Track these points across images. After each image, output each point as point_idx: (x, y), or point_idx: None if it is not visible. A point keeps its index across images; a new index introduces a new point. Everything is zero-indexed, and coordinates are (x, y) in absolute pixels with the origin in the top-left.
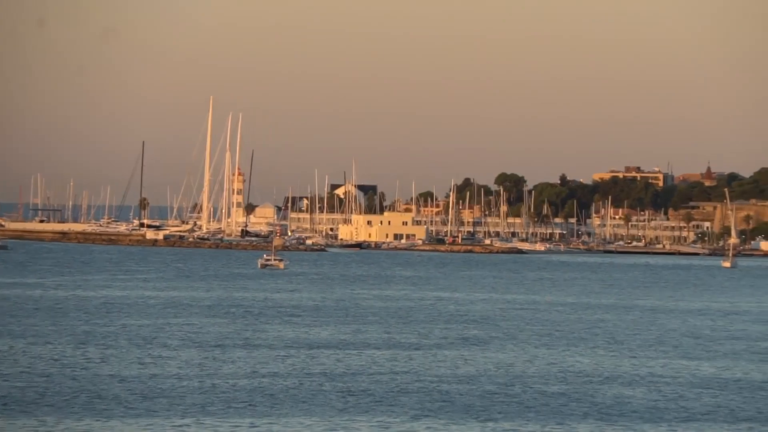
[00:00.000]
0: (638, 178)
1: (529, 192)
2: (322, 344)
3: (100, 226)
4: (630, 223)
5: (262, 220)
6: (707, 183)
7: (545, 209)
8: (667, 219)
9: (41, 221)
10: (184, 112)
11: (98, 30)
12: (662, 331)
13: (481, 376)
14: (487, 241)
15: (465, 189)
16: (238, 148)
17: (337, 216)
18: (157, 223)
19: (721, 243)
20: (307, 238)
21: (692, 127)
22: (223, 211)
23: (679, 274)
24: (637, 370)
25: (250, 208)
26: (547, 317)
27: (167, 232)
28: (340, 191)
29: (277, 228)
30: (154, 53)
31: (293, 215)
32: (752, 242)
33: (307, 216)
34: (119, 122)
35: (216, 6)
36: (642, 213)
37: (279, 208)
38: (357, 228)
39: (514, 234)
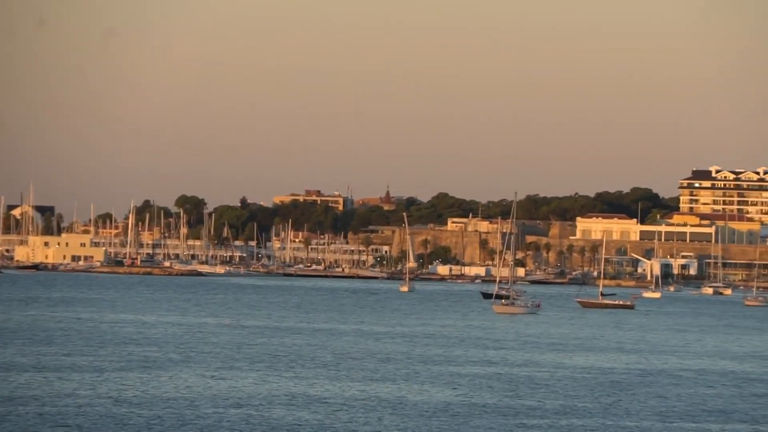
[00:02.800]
0: (318, 202)
1: (210, 214)
2: None
3: None
4: (310, 247)
5: None
6: (386, 207)
7: (225, 232)
8: (347, 242)
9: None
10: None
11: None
12: (334, 353)
13: (151, 401)
14: (167, 264)
15: (144, 211)
16: None
17: (13, 237)
18: None
19: (399, 267)
20: None
21: (371, 153)
22: None
23: (357, 297)
24: (311, 392)
25: None
26: (217, 339)
27: None
28: (16, 212)
29: None
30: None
31: None
32: (430, 266)
33: None
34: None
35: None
36: (322, 236)
37: None
38: (34, 249)
39: (194, 256)
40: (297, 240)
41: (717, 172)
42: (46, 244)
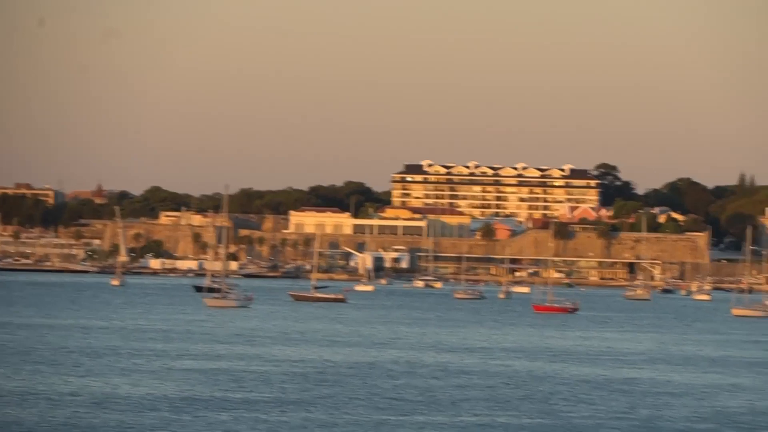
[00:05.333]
0: (28, 195)
1: None
2: None
3: None
4: (19, 240)
5: None
6: (98, 201)
7: None
8: (57, 236)
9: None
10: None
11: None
12: (51, 347)
13: None
14: None
15: None
16: None
17: None
18: None
19: (111, 261)
20: None
21: (82, 146)
22: None
23: (66, 291)
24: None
25: None
26: None
27: None
28: None
29: None
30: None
31: None
32: (141, 260)
33: None
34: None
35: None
36: (32, 230)
37: None
38: None
39: None
40: (6, 234)
41: (429, 166)
42: None
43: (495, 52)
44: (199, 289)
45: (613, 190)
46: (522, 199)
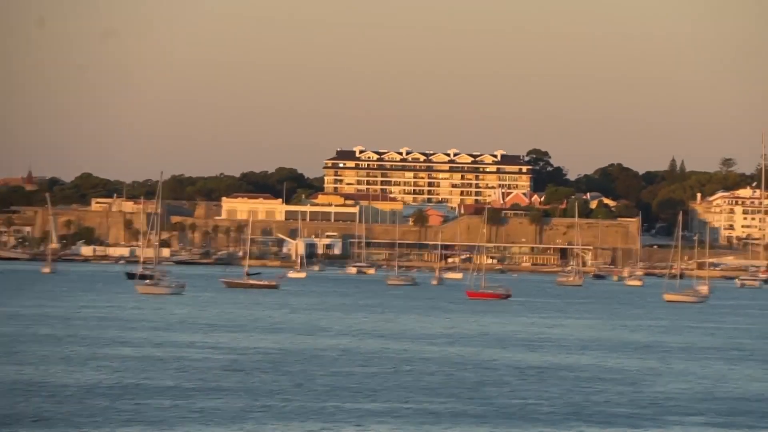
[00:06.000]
0: None
1: None
2: None
3: None
4: None
5: None
6: (28, 187)
7: None
8: None
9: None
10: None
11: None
12: None
13: None
14: None
15: None
16: None
17: None
18: None
19: (41, 248)
20: None
21: (11, 132)
22: None
23: None
24: None
25: None
26: None
27: None
28: None
29: None
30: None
31: None
32: (73, 247)
33: None
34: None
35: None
36: None
37: None
38: None
39: None
40: None
41: (361, 152)
42: None
43: (424, 39)
44: (131, 276)
45: (545, 176)
46: (454, 185)
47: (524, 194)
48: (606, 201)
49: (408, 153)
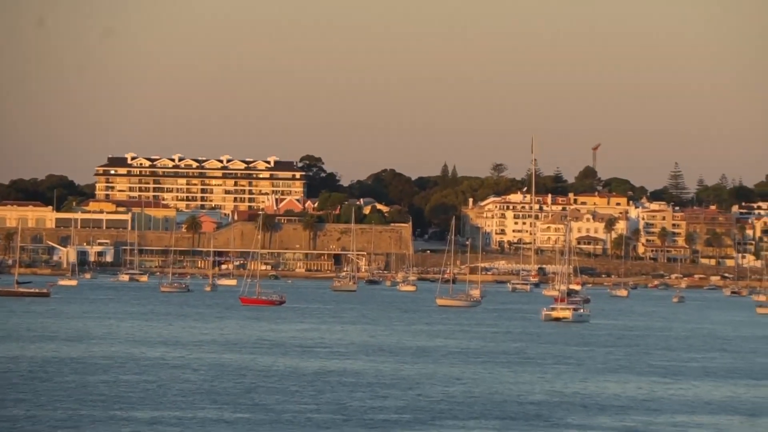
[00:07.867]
0: None
1: None
2: None
3: None
4: None
5: None
6: None
7: None
8: None
9: None
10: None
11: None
12: None
13: None
14: None
15: None
16: None
17: None
18: None
19: None
20: None
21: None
22: None
23: None
24: None
25: None
26: None
27: None
28: None
29: None
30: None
31: None
32: None
33: None
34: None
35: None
36: None
37: None
38: None
39: None
40: None
41: (133, 159)
42: None
43: (190, 43)
44: None
45: (318, 181)
46: (227, 192)
47: (298, 200)
48: (379, 206)
49: (180, 159)
